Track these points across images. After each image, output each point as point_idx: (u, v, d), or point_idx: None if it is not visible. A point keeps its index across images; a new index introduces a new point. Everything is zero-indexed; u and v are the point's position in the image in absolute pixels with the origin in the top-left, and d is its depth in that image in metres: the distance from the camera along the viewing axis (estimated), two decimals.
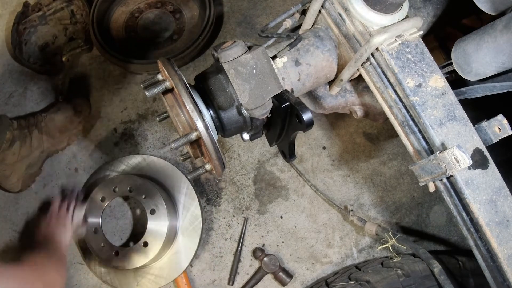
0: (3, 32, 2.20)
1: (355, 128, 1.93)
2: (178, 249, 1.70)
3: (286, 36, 1.02)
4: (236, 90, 0.91)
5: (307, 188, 1.84)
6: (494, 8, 0.95)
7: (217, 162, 0.96)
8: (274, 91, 0.94)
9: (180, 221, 1.73)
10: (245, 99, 0.92)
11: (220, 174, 1.02)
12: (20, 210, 1.87)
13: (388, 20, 0.93)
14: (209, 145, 0.91)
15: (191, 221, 1.73)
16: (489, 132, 0.93)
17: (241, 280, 1.75)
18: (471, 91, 1.03)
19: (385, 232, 1.58)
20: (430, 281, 1.43)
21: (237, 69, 0.90)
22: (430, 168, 0.90)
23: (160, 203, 1.61)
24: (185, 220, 1.73)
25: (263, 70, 0.92)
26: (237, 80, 0.91)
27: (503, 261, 0.90)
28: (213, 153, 0.93)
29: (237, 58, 0.91)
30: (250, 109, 0.94)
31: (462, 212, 0.92)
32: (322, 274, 1.75)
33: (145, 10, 2.18)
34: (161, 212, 1.61)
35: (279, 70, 1.00)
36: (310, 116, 0.88)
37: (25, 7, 2.13)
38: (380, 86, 0.96)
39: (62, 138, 1.86)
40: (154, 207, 1.61)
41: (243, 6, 2.17)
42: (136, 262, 1.58)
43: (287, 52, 1.01)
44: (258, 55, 0.92)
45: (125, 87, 2.04)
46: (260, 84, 0.92)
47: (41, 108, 2.00)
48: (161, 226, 1.60)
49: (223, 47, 0.93)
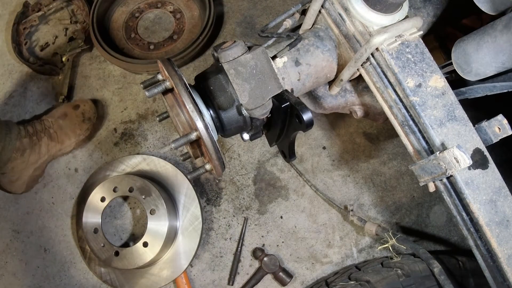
0: (3, 32, 2.20)
1: (355, 128, 1.93)
2: (178, 249, 1.70)
3: (286, 36, 1.02)
4: (236, 90, 0.91)
5: (307, 188, 1.84)
6: (494, 8, 0.96)
7: (217, 162, 0.96)
8: (274, 91, 0.93)
9: (180, 221, 1.73)
10: (245, 99, 0.92)
11: (220, 174, 1.02)
12: (20, 210, 1.87)
13: (388, 20, 0.93)
14: (209, 145, 0.91)
15: (191, 221, 1.73)
16: (489, 132, 0.93)
17: (241, 280, 1.75)
18: (471, 91, 1.04)
19: (385, 232, 1.58)
20: (430, 281, 1.43)
21: (237, 69, 0.90)
22: (430, 168, 0.90)
23: (160, 203, 1.61)
24: (185, 220, 1.73)
25: (263, 70, 0.92)
26: (237, 80, 0.91)
27: (503, 261, 0.90)
28: (213, 153, 0.93)
29: (237, 58, 0.91)
30: (250, 109, 0.94)
31: (462, 212, 0.92)
32: (322, 274, 1.75)
33: (145, 10, 2.18)
34: (161, 212, 1.61)
35: (279, 70, 1.00)
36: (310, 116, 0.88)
37: (25, 7, 2.13)
38: (380, 86, 0.96)
39: (70, 143, 1.87)
40: (154, 207, 1.61)
41: (243, 6, 2.17)
42: (136, 262, 1.58)
43: (287, 52, 1.02)
44: (258, 55, 0.92)
45: (125, 87, 2.04)
46: (260, 84, 0.92)
47: (45, 110, 1.99)
48: (161, 226, 1.60)
49: (223, 47, 0.93)
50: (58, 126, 1.84)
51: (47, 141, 1.81)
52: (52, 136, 1.82)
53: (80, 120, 1.87)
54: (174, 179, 1.78)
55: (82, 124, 1.87)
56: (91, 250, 1.63)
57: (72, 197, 1.87)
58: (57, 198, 1.88)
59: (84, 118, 1.88)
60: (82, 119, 1.87)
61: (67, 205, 1.87)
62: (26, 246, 1.83)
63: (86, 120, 1.88)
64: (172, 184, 1.78)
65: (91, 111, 1.90)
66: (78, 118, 1.87)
